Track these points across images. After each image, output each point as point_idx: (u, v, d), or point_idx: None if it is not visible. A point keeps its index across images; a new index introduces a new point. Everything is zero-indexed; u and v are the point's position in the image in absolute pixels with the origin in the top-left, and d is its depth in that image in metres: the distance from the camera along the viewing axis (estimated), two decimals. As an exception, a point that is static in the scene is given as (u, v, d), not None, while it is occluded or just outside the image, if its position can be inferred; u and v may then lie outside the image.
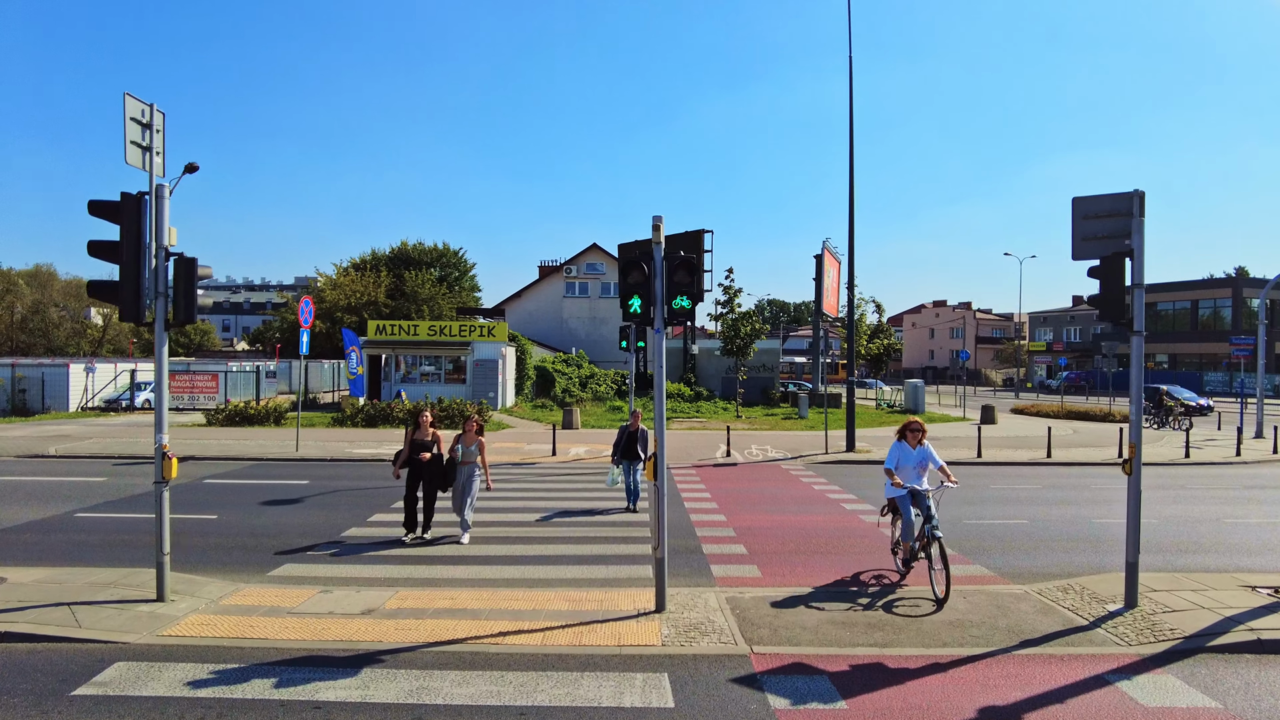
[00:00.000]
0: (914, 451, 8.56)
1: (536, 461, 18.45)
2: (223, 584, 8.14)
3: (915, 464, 8.51)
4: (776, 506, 13.04)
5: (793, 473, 17.15)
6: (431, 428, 10.34)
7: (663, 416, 7.26)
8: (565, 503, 13.15)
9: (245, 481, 15.34)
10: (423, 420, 10.34)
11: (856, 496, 14.10)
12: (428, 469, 10.14)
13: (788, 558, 9.59)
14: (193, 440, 21.62)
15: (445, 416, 25.84)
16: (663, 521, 7.30)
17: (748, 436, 24.22)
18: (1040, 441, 23.81)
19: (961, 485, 15.94)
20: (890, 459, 8.53)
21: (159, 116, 7.28)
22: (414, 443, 10.19)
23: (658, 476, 7.19)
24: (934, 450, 8.67)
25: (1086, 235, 7.75)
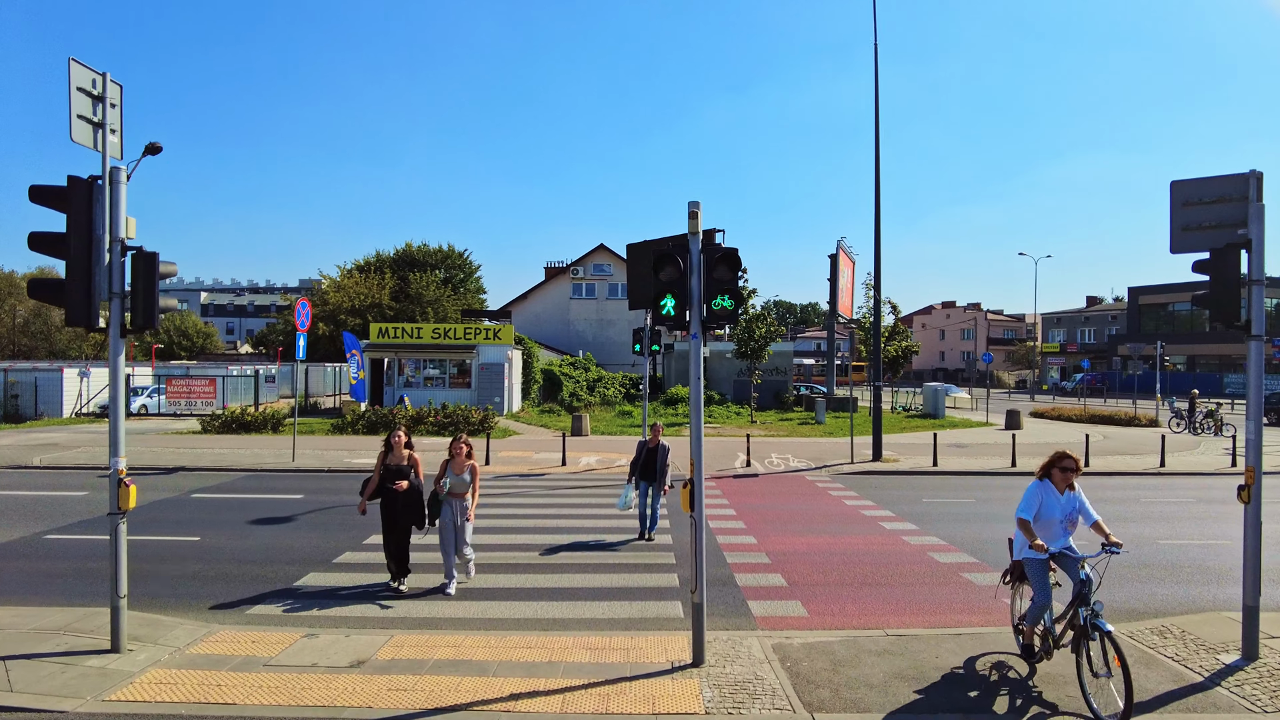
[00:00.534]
0: (1061, 498, 6.13)
1: (546, 472, 17.42)
2: (194, 625, 7.11)
3: (1063, 516, 6.11)
4: (809, 526, 11.97)
5: (819, 485, 16.07)
6: (408, 449, 8.50)
7: (700, 437, 6.20)
8: (580, 520, 12.10)
9: (235, 496, 14.34)
10: (396, 440, 8.44)
11: (894, 513, 13.02)
12: (403, 501, 8.26)
13: (834, 591, 8.52)
14: (185, 449, 20.65)
15: (449, 423, 24.84)
16: (701, 560, 6.25)
17: (766, 444, 23.14)
18: (1072, 448, 22.69)
19: (1008, 499, 14.89)
20: (1026, 505, 6.14)
21: (114, 89, 6.26)
22: (386, 469, 8.32)
23: (695, 506, 6.14)
24: (1086, 498, 6.35)
25: (1188, 224, 6.68)
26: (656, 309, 6.15)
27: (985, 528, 11.88)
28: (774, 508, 13.44)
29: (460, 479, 8.33)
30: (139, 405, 32.05)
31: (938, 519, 12.57)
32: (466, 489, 8.38)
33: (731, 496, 14.48)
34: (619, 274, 50.20)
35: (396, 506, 8.25)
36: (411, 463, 8.42)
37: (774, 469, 18.19)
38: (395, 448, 8.41)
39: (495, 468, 17.94)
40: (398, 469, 8.31)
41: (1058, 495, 6.16)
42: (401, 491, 8.21)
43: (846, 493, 15.12)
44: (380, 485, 8.30)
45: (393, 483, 8.24)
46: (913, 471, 18.00)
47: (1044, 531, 6.04)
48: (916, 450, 21.73)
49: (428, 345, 31.58)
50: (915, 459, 19.82)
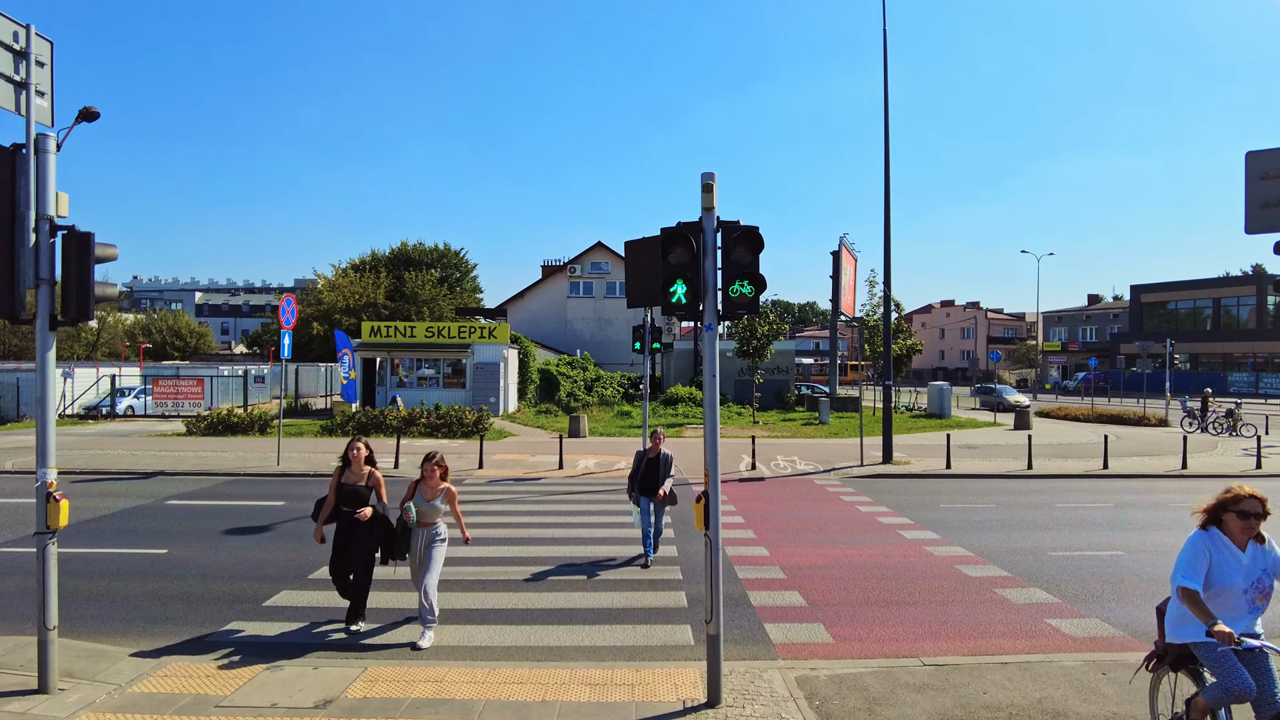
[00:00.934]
0: (1243, 556, 4.18)
1: (542, 476, 16.62)
2: (141, 658, 6.30)
3: (1247, 583, 4.14)
4: (824, 535, 11.17)
5: (830, 490, 15.29)
6: (369, 465, 7.16)
7: (715, 445, 5.40)
8: (577, 530, 11.30)
9: (212, 503, 13.52)
10: (355, 454, 7.12)
11: (912, 521, 12.23)
12: (362, 532, 6.89)
13: (858, 611, 7.73)
14: (166, 452, 19.82)
15: (442, 424, 24.04)
16: (718, 587, 5.46)
17: (771, 445, 22.35)
18: (1087, 449, 21.95)
19: (1029, 504, 14.13)
20: (1189, 566, 4.14)
21: (41, 44, 5.46)
22: (342, 489, 7.02)
23: (710, 524, 5.35)
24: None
25: (1268, 201, 5.90)
26: (666, 297, 5.35)
27: (1011, 536, 11.10)
28: (784, 515, 12.65)
29: (431, 505, 6.91)
30: (125, 406, 31.19)
31: (959, 527, 11.79)
32: (438, 516, 6.98)
33: (739, 503, 13.69)
34: (617, 272, 49.42)
35: (355, 536, 6.91)
36: (373, 483, 7.07)
37: (780, 472, 17.40)
38: (354, 463, 7.10)
39: (489, 471, 17.14)
40: (354, 490, 6.98)
41: (1236, 552, 4.16)
42: (362, 521, 6.85)
43: (859, 498, 14.33)
44: (336, 508, 7.01)
45: (351, 508, 6.90)
46: (926, 475, 17.22)
47: (1218, 601, 4.10)
48: (927, 452, 20.96)
49: (421, 344, 30.75)
50: (927, 461, 19.05)
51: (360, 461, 7.12)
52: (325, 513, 7.10)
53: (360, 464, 7.11)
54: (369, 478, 7.09)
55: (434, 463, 6.98)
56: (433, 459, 7.02)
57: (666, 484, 9.31)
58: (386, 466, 17.34)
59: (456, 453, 20.17)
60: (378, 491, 7.09)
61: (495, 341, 30.87)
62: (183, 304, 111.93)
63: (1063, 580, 8.82)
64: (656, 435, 9.71)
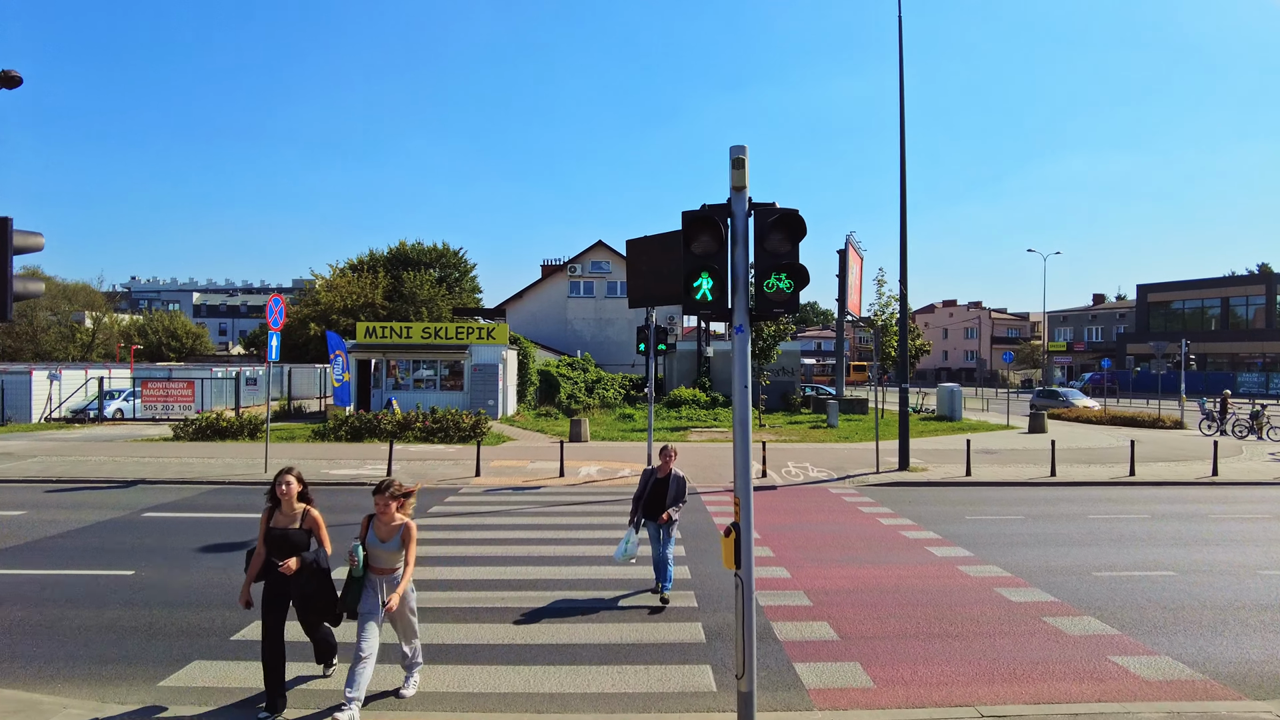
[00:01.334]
0: None
1: (542, 484, 15.79)
2: (83, 708, 5.48)
3: None
4: (847, 553, 10.34)
5: (846, 499, 14.46)
6: (304, 502, 5.69)
7: (747, 465, 4.58)
8: (581, 547, 10.47)
9: (192, 515, 12.69)
10: (284, 490, 5.58)
11: (939, 535, 11.40)
12: (295, 587, 5.52)
13: (897, 646, 6.90)
14: (151, 458, 19.00)
15: (438, 428, 23.20)
16: (750, 635, 4.61)
17: (780, 451, 21.51)
18: (1109, 454, 21.14)
19: (1060, 515, 13.23)
20: None
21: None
22: (270, 535, 5.58)
23: (742, 562, 4.52)
24: None
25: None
26: (689, 293, 4.53)
27: (1048, 554, 10.28)
28: (801, 528, 11.82)
29: (387, 548, 5.56)
30: (114, 409, 30.37)
31: (990, 542, 10.97)
32: (398, 561, 5.61)
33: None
34: (618, 272, 48.58)
35: (285, 593, 5.54)
36: (309, 524, 5.63)
37: (793, 480, 16.57)
38: (284, 501, 5.62)
39: (486, 479, 16.31)
40: (283, 535, 5.52)
41: None
42: (291, 574, 5.43)
43: (879, 509, 13.50)
44: (268, 560, 5.56)
45: (280, 556, 5.46)
46: (945, 482, 16.39)
47: None
48: (942, 457, 20.13)
49: (418, 345, 29.92)
50: (944, 467, 18.22)
51: (292, 499, 5.63)
52: (255, 566, 5.61)
53: (292, 502, 5.63)
54: (304, 518, 5.63)
55: (388, 494, 5.55)
56: (386, 489, 5.58)
57: (672, 509, 8.07)
58: (378, 474, 16.53)
59: (453, 459, 19.35)
60: (316, 535, 5.67)
61: (494, 342, 30.05)
62: (180, 305, 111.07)
63: (1116, 607, 7.99)
64: (667, 452, 8.44)
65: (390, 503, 5.55)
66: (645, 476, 8.42)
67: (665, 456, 8.38)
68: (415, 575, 8.95)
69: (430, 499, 14.16)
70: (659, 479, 8.29)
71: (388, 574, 5.59)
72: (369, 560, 5.54)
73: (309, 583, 5.55)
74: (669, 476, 8.23)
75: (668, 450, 8.44)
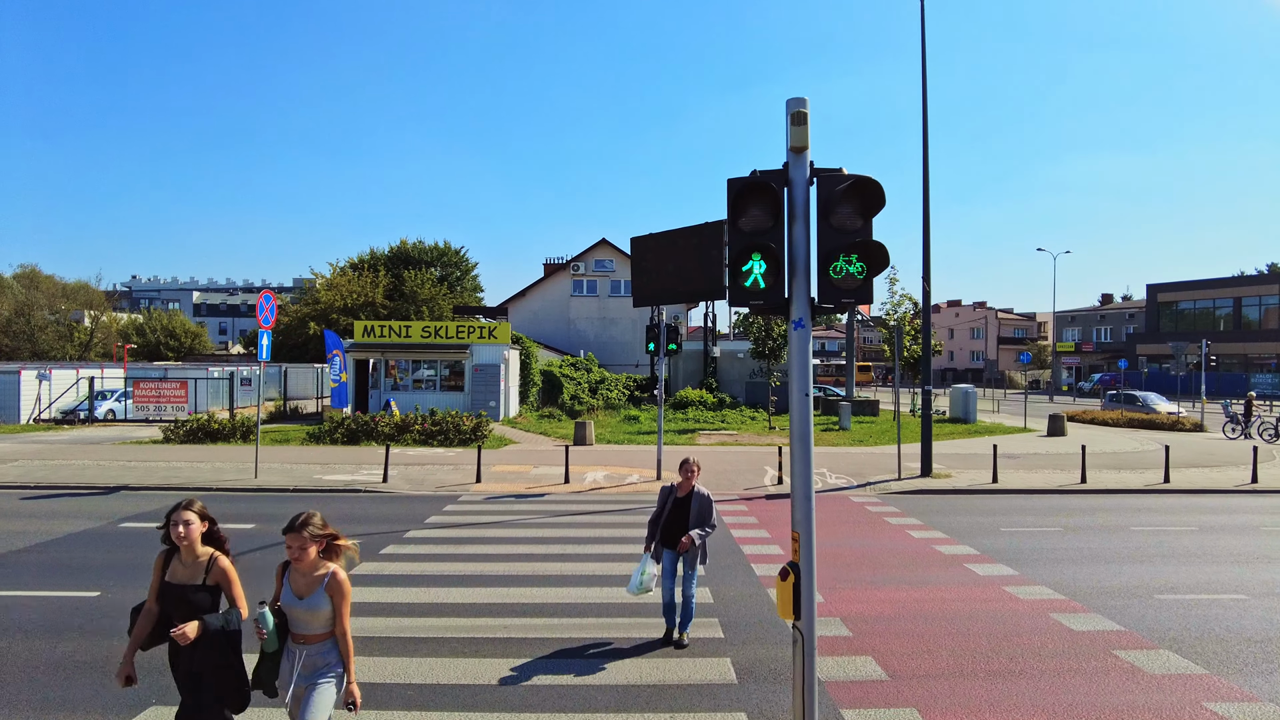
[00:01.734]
0: None
1: (546, 491, 14.95)
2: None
3: None
4: (881, 572, 9.48)
5: (871, 509, 13.60)
6: (211, 546, 4.21)
7: (809, 497, 3.74)
8: (589, 564, 9.63)
9: (172, 526, 11.86)
10: (181, 532, 4.08)
11: (976, 550, 10.54)
12: (187, 661, 4.06)
13: (955, 687, 6.04)
14: (138, 462, 18.17)
15: (437, 431, 22.35)
16: (811, 700, 3.75)
17: (793, 455, 20.63)
18: (1137, 459, 20.29)
19: (1100, 528, 12.27)
20: None
21: None
22: (165, 591, 4.13)
23: (802, 611, 3.66)
24: None
25: None
26: (736, 278, 3.68)
27: (1099, 572, 9.42)
28: (828, 544, 10.95)
29: (308, 606, 4.03)
30: (105, 410, 29.56)
31: (1033, 558, 10.11)
32: (322, 625, 4.05)
33: (771, 527, 12.00)
34: (622, 270, 47.73)
35: (179, 667, 4.13)
36: (216, 578, 4.12)
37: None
38: (182, 547, 4.11)
39: (487, 485, 15.47)
40: (180, 593, 4.07)
41: None
42: (186, 644, 3.96)
43: (906, 520, 12.65)
44: (161, 621, 4.14)
45: (183, 618, 4.00)
46: (971, 490, 15.53)
47: None
48: (964, 462, 19.27)
49: (417, 345, 29.08)
50: (968, 473, 17.36)
51: (193, 544, 4.10)
52: (141, 630, 4.14)
53: (193, 548, 4.11)
54: (210, 568, 4.10)
55: (305, 532, 3.97)
56: (302, 526, 3.99)
57: (695, 532, 6.83)
58: (374, 480, 15.70)
59: (452, 463, 18.51)
60: (226, 590, 4.16)
61: (495, 342, 29.21)
62: (180, 304, 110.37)
63: (1193, 639, 7.13)
64: (688, 467, 7.15)
65: (308, 544, 3.97)
66: (663, 495, 7.21)
67: (686, 472, 7.17)
68: (409, 597, 8.23)
69: (428, 507, 13.33)
70: (679, 498, 7.10)
71: (310, 645, 4.03)
72: (280, 627, 4.03)
73: (208, 656, 4.02)
74: (691, 495, 7.07)
75: (689, 465, 7.20)
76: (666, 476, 16.48)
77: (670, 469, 17.18)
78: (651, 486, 15.57)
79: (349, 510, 13.17)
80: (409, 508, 13.40)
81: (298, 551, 3.99)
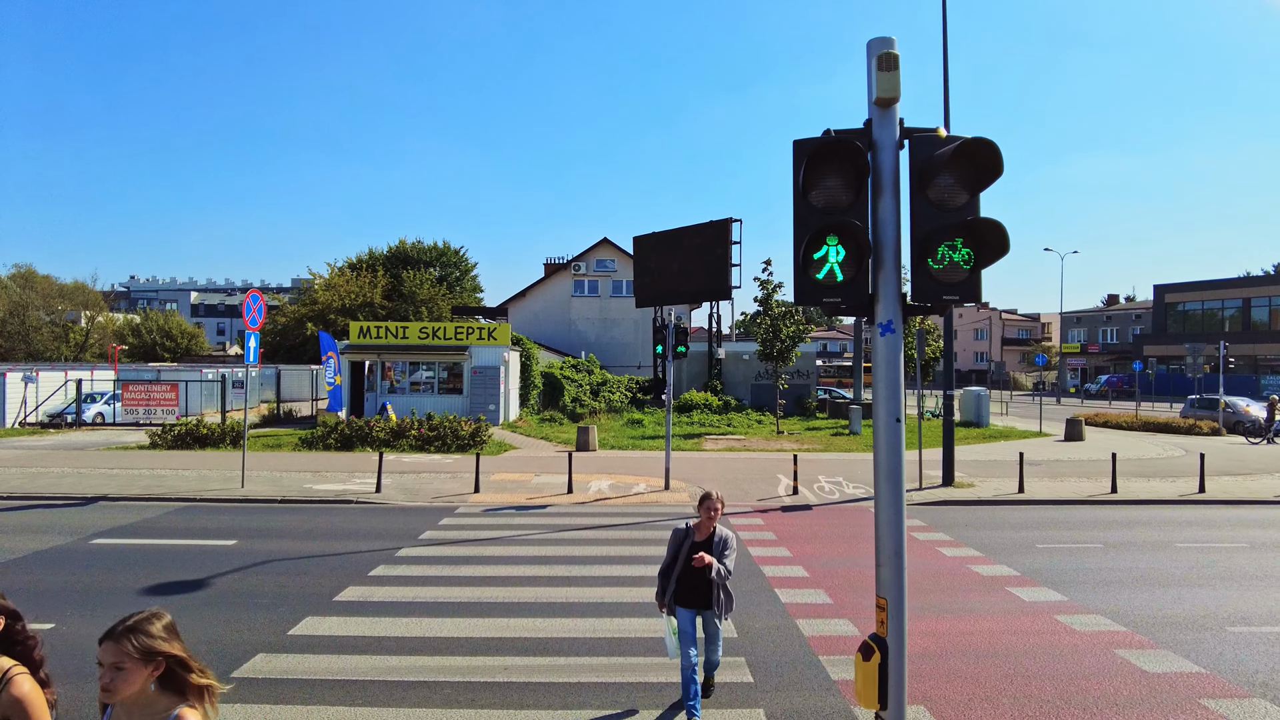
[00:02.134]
0: None
1: (549, 503, 14.12)
2: None
3: None
4: (917, 597, 8.63)
5: (894, 522, 12.77)
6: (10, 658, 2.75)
7: (900, 548, 2.94)
8: (599, 589, 8.80)
9: (148, 542, 11.04)
10: None
11: (1016, 571, 9.72)
12: None
13: (1029, 749, 5.22)
14: (120, 470, 17.33)
15: (435, 436, 21.52)
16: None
17: (809, 463, 19.79)
18: (1163, 465, 19.50)
19: (1144, 544, 11.11)
20: None
21: None
22: None
23: (889, 700, 2.83)
24: None
25: None
26: (805, 269, 2.85)
27: (1158, 598, 8.60)
28: (854, 563, 10.12)
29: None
30: (94, 413, 28.72)
31: (1079, 580, 9.30)
32: None
33: (791, 543, 11.17)
34: (624, 270, 46.87)
35: None
36: (5, 710, 2.62)
37: (828, 498, 14.88)
38: None
39: (486, 496, 14.65)
40: None
41: None
42: None
43: (935, 535, 11.83)
44: None
45: None
46: (997, 500, 14.71)
47: None
48: (984, 469, 18.45)
49: (415, 346, 28.25)
50: (991, 482, 16.54)
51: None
52: None
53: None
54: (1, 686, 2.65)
55: (130, 643, 2.40)
56: (127, 633, 2.42)
57: (718, 565, 5.49)
58: (367, 490, 14.88)
59: (450, 471, 17.68)
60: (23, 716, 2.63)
61: (495, 343, 28.38)
62: (178, 304, 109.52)
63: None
64: (710, 504, 5.63)
65: (133, 668, 2.39)
66: (675, 540, 5.67)
67: (708, 510, 5.62)
68: (397, 629, 7.38)
69: (423, 521, 12.51)
70: (696, 542, 5.62)
71: None
72: None
73: None
74: (713, 538, 5.61)
75: (712, 502, 5.63)
76: (675, 485, 15.65)
77: (680, 478, 16.36)
78: (660, 497, 14.75)
79: (338, 524, 12.35)
80: (403, 521, 12.58)
81: (109, 676, 2.38)
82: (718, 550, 5.56)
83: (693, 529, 5.71)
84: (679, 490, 15.35)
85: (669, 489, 15.41)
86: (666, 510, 13.57)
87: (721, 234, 19.08)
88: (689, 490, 15.31)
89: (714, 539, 5.63)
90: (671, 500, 14.47)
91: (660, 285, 22.15)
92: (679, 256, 31.93)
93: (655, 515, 13.12)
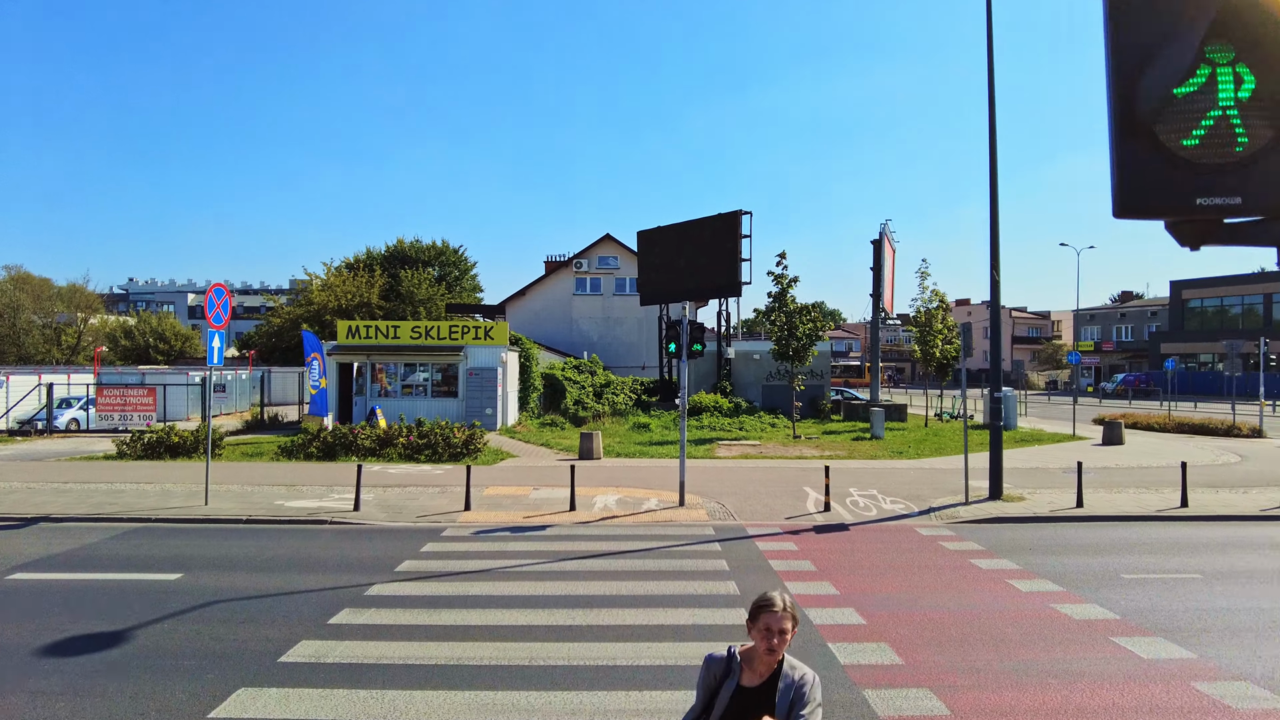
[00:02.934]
0: None
1: (548, 522, 12.44)
2: None
3: None
4: (1005, 653, 6.93)
5: (946, 545, 11.06)
6: None
7: None
8: (610, 646, 7.09)
9: (76, 577, 9.38)
10: None
11: (1112, 612, 8.00)
12: None
13: None
14: (76, 484, 15.67)
15: (425, 445, 19.82)
16: None
17: (835, 472, 18.04)
18: (1222, 473, 17.83)
19: (1252, 574, 9.02)
20: None
21: None
22: None
23: None
24: None
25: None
26: (1150, 118, 1.16)
27: None
28: (915, 603, 8.40)
29: None
30: (68, 420, 27.12)
31: (1197, 626, 7.59)
32: None
33: (835, 576, 9.45)
34: (627, 267, 45.14)
35: None
36: None
37: (865, 515, 13.17)
38: None
39: (477, 514, 12.96)
40: None
41: None
42: None
43: (998, 562, 10.11)
44: None
45: None
46: (1055, 517, 12.99)
47: None
48: (1028, 478, 16.71)
49: (407, 346, 26.57)
50: (1043, 494, 14.81)
51: None
52: None
53: None
54: None
55: None
56: None
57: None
58: (344, 508, 13.19)
59: (440, 484, 15.98)
60: None
61: (492, 343, 26.68)
62: (175, 306, 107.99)
63: None
64: (772, 618, 2.93)
65: None
66: (710, 676, 3.06)
67: (765, 631, 2.94)
68: (354, 707, 5.60)
69: (403, 546, 10.82)
70: (745, 688, 2.98)
71: None
72: None
73: None
74: (775, 682, 2.96)
75: (774, 617, 2.93)
76: (690, 501, 13.93)
77: (694, 491, 14.57)
78: (674, 515, 13.06)
79: (305, 551, 10.67)
80: (380, 546, 10.90)
81: None
82: (786, 705, 2.91)
83: (738, 661, 3.03)
84: (695, 507, 13.65)
85: (684, 505, 13.72)
86: (682, 532, 11.89)
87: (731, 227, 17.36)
88: (705, 507, 13.62)
89: (779, 682, 2.96)
90: (687, 519, 12.78)
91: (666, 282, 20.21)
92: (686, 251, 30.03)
93: (670, 538, 11.44)
